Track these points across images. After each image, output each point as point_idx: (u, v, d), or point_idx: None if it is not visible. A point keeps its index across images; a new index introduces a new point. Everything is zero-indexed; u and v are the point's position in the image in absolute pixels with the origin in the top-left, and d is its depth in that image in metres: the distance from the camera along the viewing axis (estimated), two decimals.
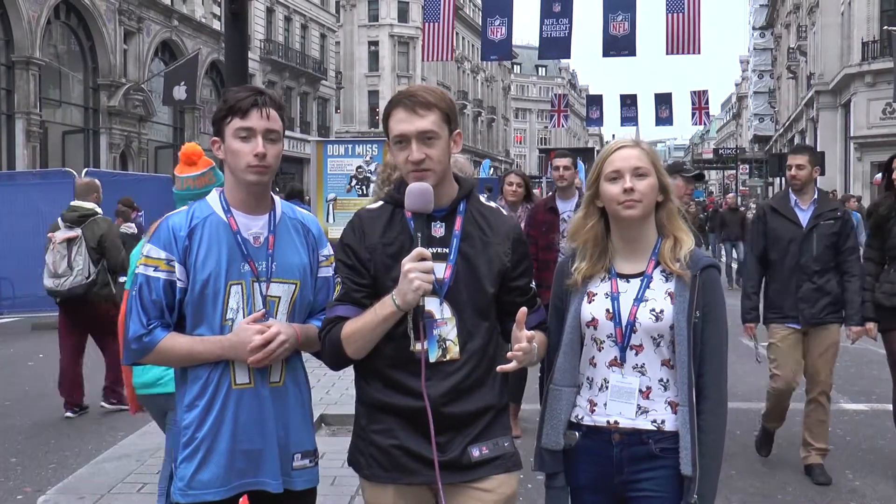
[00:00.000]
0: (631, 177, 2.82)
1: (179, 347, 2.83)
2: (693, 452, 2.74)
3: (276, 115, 2.89)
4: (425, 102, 2.78)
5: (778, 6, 68.40)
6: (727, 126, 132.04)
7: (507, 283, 2.91)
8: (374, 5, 71.30)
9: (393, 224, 2.87)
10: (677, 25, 25.21)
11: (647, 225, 2.89)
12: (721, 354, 2.86)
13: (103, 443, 7.61)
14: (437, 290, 2.79)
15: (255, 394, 2.87)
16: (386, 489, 2.87)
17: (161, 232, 2.87)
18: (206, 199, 2.98)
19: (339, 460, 6.50)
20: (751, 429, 7.77)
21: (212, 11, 42.68)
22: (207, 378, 2.85)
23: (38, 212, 15.82)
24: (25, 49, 29.22)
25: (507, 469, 2.88)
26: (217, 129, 2.91)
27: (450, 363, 2.81)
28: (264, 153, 2.83)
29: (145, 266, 2.84)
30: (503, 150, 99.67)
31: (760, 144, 78.28)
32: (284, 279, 2.92)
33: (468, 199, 2.92)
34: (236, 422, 2.85)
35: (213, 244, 2.85)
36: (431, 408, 2.75)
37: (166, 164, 38.76)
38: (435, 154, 2.78)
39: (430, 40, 27.62)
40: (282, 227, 2.98)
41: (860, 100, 39.60)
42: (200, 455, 2.84)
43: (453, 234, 2.85)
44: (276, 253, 2.92)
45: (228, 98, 2.88)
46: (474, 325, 2.85)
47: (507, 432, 2.93)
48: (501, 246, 2.89)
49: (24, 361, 11.99)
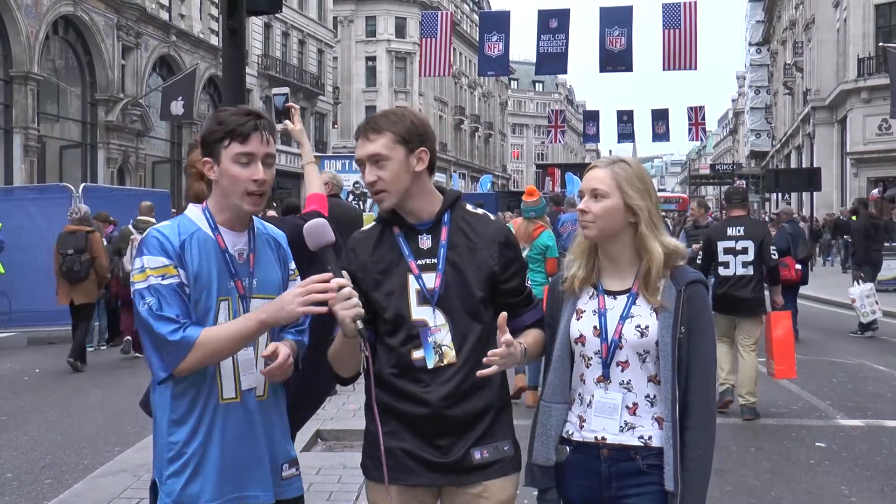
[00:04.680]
0: (588, 198, 2.87)
1: (220, 334, 2.76)
2: (675, 469, 2.75)
3: (272, 139, 2.91)
4: (375, 128, 2.93)
5: (774, 22, 68.71)
6: (724, 142, 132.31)
7: (498, 285, 3.00)
8: (371, 21, 71.51)
9: (382, 242, 3.02)
10: (674, 41, 25.33)
11: (621, 245, 2.90)
12: (708, 369, 2.86)
13: (99, 458, 7.59)
14: (429, 298, 2.93)
15: (241, 408, 2.88)
16: (389, 488, 2.96)
17: (152, 242, 2.80)
18: (186, 214, 2.95)
19: (334, 475, 6.52)
20: (747, 445, 7.79)
21: (210, 27, 42.82)
22: (196, 394, 2.84)
23: (35, 227, 15.85)
24: (24, 64, 29.27)
25: (506, 473, 2.98)
26: (211, 150, 2.87)
27: (448, 367, 2.92)
28: (264, 179, 2.85)
29: (154, 277, 2.76)
30: (500, 165, 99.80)
31: (757, 160, 78.47)
32: (265, 294, 2.93)
33: (452, 209, 3.04)
34: (224, 436, 2.85)
35: (203, 260, 2.84)
36: (433, 412, 2.89)
37: (164, 179, 38.83)
38: (386, 175, 2.91)
39: (427, 56, 27.75)
40: (259, 243, 3.01)
41: (856, 116, 39.78)
42: (190, 470, 2.83)
43: (440, 245, 2.98)
44: (256, 269, 2.95)
45: (225, 120, 2.85)
46: (468, 329, 2.95)
47: (508, 434, 3.03)
48: (488, 250, 2.98)
49: (20, 376, 11.98)
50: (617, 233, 2.87)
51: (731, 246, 8.81)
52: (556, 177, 36.82)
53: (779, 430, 8.43)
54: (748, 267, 8.75)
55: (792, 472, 7.03)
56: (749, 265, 8.76)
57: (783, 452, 7.61)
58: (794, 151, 55.78)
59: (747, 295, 8.72)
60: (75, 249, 12.27)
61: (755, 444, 7.87)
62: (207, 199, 2.99)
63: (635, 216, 2.85)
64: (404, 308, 2.95)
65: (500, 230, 3.06)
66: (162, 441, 2.88)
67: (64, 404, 10.04)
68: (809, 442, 7.91)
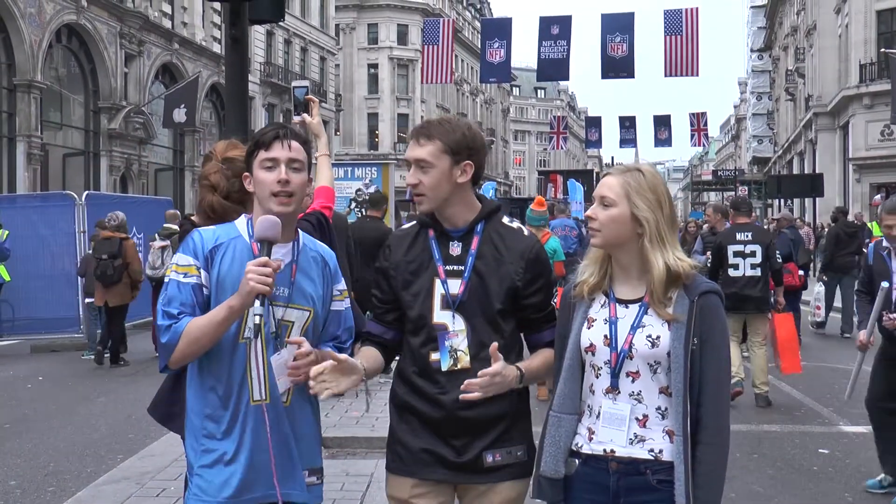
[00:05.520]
0: (596, 204, 2.85)
1: (201, 322, 2.88)
2: (687, 485, 2.68)
3: (299, 147, 3.05)
4: (427, 134, 3.05)
5: (776, 28, 68.74)
6: (726, 148, 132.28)
7: (520, 300, 3.08)
8: (373, 28, 71.60)
9: (416, 242, 3.15)
10: (675, 48, 25.36)
11: (630, 255, 2.84)
12: (721, 382, 2.79)
13: (102, 465, 7.60)
14: (451, 303, 3.05)
15: (270, 410, 2.95)
16: (405, 481, 3.11)
17: (188, 242, 2.99)
18: (234, 223, 3.09)
19: (338, 483, 6.51)
20: (750, 451, 7.78)
21: (212, 35, 42.89)
22: (227, 391, 2.95)
23: (38, 235, 15.89)
24: (27, 72, 29.33)
25: (516, 476, 3.08)
26: (248, 165, 3.07)
27: (462, 372, 2.99)
28: (287, 179, 2.96)
29: (176, 273, 2.96)
30: (502, 171, 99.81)
31: (759, 166, 78.44)
32: (300, 306, 3.02)
33: (488, 220, 3.13)
34: (256, 437, 2.93)
35: (234, 265, 2.95)
36: (447, 413, 3.01)
37: (166, 187, 38.88)
38: (427, 181, 3.03)
39: (429, 63, 27.80)
40: (303, 257, 3.08)
41: (858, 121, 39.74)
42: (225, 467, 2.93)
43: (469, 253, 3.07)
44: (296, 280, 3.02)
45: (255, 136, 3.08)
46: (487, 337, 3.01)
47: (523, 440, 3.10)
48: (514, 265, 3.06)
49: (23, 384, 11.98)
50: (623, 242, 2.82)
51: (740, 249, 9.62)
52: (558, 183, 36.84)
53: (782, 436, 8.43)
54: (756, 269, 9.55)
55: (795, 478, 7.03)
56: (757, 267, 9.55)
57: (786, 459, 7.60)
58: (797, 157, 55.74)
59: (756, 294, 9.55)
60: (109, 255, 13.02)
61: (758, 450, 7.86)
62: (251, 211, 3.13)
63: (642, 228, 2.80)
64: (427, 310, 3.06)
65: (531, 246, 3.12)
66: (196, 432, 3.00)
67: (67, 412, 10.04)
68: (812, 449, 7.90)
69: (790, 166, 59.12)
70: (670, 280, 2.77)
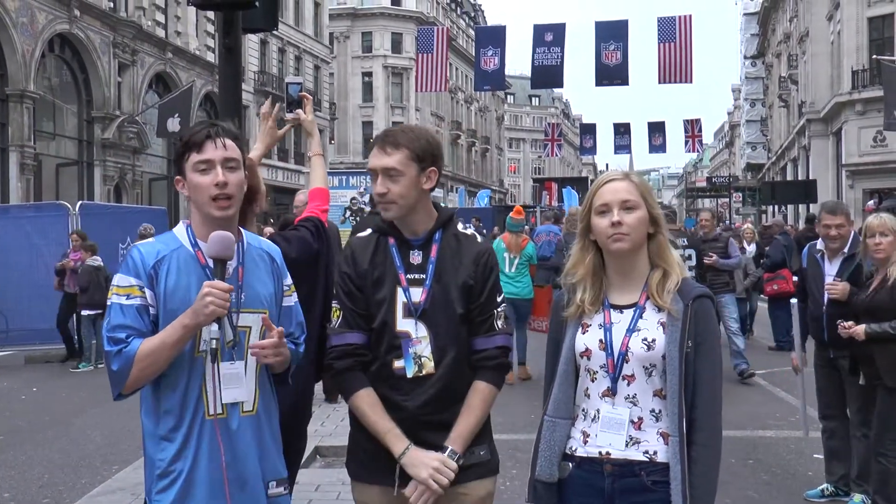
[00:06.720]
0: (619, 210, 2.83)
1: (152, 343, 2.76)
2: (683, 485, 2.71)
3: (233, 144, 2.90)
4: (394, 142, 3.09)
5: (769, 35, 68.94)
6: (720, 154, 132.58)
7: (472, 300, 3.15)
8: (367, 37, 71.66)
9: (378, 251, 3.17)
10: (669, 55, 25.41)
11: (638, 257, 2.89)
12: (714, 384, 2.83)
13: (97, 476, 7.58)
14: (413, 311, 3.09)
15: (228, 424, 2.85)
16: (371, 488, 3.16)
17: (128, 261, 2.87)
18: (172, 232, 2.98)
19: (333, 492, 6.50)
20: (745, 457, 7.78)
21: (206, 44, 42.88)
22: (182, 410, 2.83)
23: (32, 245, 15.84)
24: (20, 82, 29.28)
25: (481, 476, 3.16)
26: (178, 168, 2.94)
27: (426, 377, 3.08)
28: (225, 181, 2.84)
29: (117, 295, 2.82)
30: (497, 179, 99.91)
31: (753, 172, 78.59)
32: (254, 309, 2.92)
33: (445, 227, 3.20)
34: (212, 452, 2.83)
35: (181, 276, 2.85)
36: (411, 419, 3.05)
37: (160, 196, 38.83)
38: (397, 189, 3.07)
39: (423, 71, 27.81)
40: (248, 257, 2.99)
41: (851, 128, 39.85)
42: (178, 487, 2.82)
43: (429, 261, 3.14)
44: (245, 283, 2.93)
45: (184, 136, 2.95)
46: (448, 342, 3.10)
47: (485, 439, 3.18)
48: (468, 269, 3.14)
49: (17, 395, 11.96)
50: (643, 244, 2.88)
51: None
52: (552, 191, 36.92)
53: (777, 442, 8.43)
54: (692, 271, 9.99)
55: (791, 484, 7.03)
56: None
57: (782, 465, 7.60)
58: (790, 163, 55.84)
59: None
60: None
61: (753, 456, 7.86)
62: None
63: (654, 226, 2.88)
64: (390, 318, 3.10)
65: (483, 251, 3.20)
66: (151, 458, 2.88)
67: (61, 423, 10.02)
68: (808, 454, 7.89)
69: (784, 172, 59.25)
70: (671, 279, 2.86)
